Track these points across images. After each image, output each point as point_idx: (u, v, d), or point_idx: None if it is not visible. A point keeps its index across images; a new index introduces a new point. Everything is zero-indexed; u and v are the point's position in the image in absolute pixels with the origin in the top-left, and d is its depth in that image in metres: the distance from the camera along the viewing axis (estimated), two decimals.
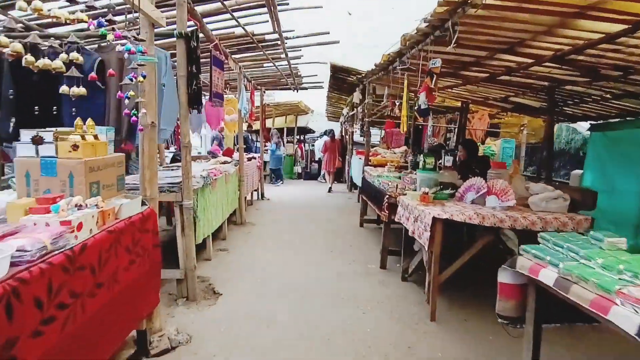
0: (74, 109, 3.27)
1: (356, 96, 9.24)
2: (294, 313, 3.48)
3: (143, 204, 2.63)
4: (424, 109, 4.14)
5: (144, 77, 2.44)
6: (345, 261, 5.00)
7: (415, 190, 4.26)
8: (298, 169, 15.64)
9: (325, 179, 13.17)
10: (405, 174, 5.52)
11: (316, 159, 15.05)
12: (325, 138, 14.86)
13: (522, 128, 7.92)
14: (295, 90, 10.05)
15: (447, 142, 9.92)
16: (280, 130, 15.37)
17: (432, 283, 3.45)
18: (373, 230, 6.65)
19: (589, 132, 6.41)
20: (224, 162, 6.14)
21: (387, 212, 4.57)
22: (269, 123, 15.69)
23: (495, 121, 8.63)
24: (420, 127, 12.04)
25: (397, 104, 5.46)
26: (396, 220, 4.31)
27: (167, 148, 9.31)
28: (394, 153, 9.52)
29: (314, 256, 5.15)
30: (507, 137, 7.99)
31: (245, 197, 7.71)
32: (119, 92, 2.44)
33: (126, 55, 2.19)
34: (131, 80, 2.29)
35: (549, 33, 3.34)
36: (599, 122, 6.32)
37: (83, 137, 2.22)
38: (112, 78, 3.43)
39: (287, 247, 5.51)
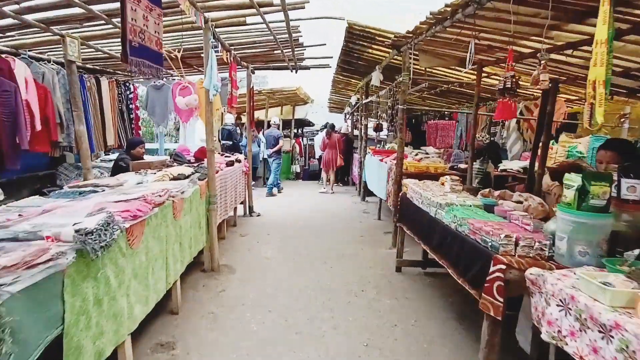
0: None
1: (375, 77, 6.70)
2: None
3: None
4: None
5: None
6: None
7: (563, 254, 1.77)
8: (296, 167, 13.10)
9: (323, 183, 10.67)
10: (504, 206, 3.03)
11: (317, 156, 12.49)
12: (324, 133, 12.38)
13: (623, 120, 5.46)
14: (294, 71, 7.48)
15: (491, 139, 7.42)
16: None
17: None
18: (419, 281, 4.17)
19: None
20: (177, 177, 3.61)
21: (500, 299, 2.09)
22: (260, 114, 13.18)
23: (575, 109, 6.17)
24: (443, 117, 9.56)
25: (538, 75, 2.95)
26: (545, 333, 1.83)
27: (107, 151, 6.77)
28: (426, 154, 7.01)
29: (334, 349, 2.69)
30: (599, 132, 5.56)
31: (223, 223, 5.20)
32: None
33: None
34: None
35: None
36: None
37: None
38: None
39: (284, 332, 3.03)
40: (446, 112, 10.37)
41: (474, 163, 5.05)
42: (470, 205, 3.05)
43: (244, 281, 4.03)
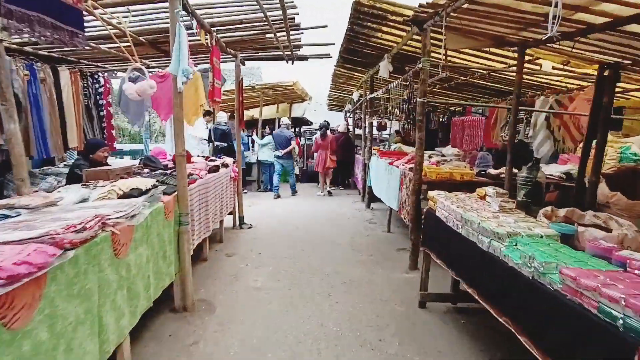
0: None
1: (383, 68, 5.77)
2: None
3: None
4: None
5: None
6: None
7: None
8: (295, 169, 12.10)
9: (320, 187, 9.91)
10: (591, 236, 2.09)
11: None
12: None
13: None
14: (290, 62, 6.52)
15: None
16: (271, 122, 11.82)
17: None
18: (451, 322, 3.21)
19: None
20: (128, 194, 2.63)
21: None
22: (254, 113, 12.23)
23: (621, 102, 5.22)
24: (457, 114, 8.61)
25: None
26: None
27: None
28: (442, 155, 6.06)
29: None
30: None
31: (205, 241, 4.23)
32: None
33: None
34: None
35: None
36: None
37: None
38: None
39: None
40: (456, 109, 9.43)
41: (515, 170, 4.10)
42: (541, 236, 2.10)
43: (224, 325, 3.07)
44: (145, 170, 4.28)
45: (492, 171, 4.41)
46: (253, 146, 10.34)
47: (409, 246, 5.09)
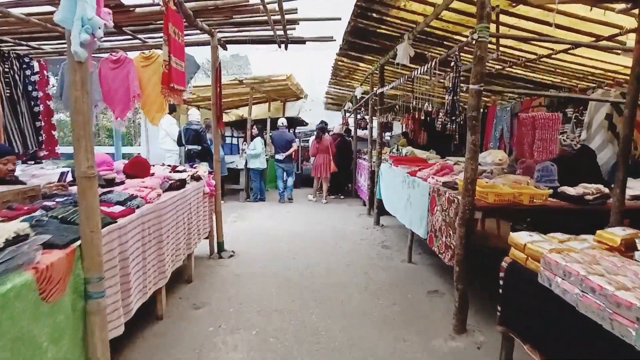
0: None
1: (403, 52, 4.47)
2: None
3: None
4: None
5: None
6: None
7: None
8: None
9: (314, 192, 8.88)
10: None
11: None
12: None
13: None
14: (284, 47, 5.13)
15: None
16: (262, 122, 10.41)
17: None
18: None
19: None
20: None
21: None
22: (241, 112, 10.88)
23: None
24: (485, 109, 7.24)
25: None
26: None
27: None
28: (479, 165, 4.68)
29: None
30: None
31: (160, 291, 2.80)
32: None
33: None
34: None
35: None
36: None
37: None
38: None
39: None
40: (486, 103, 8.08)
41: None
42: None
43: None
44: (65, 190, 2.86)
45: (570, 190, 3.05)
46: (243, 150, 8.92)
47: (443, 287, 3.73)
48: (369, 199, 7.05)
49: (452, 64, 3.04)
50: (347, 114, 12.36)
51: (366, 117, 10.28)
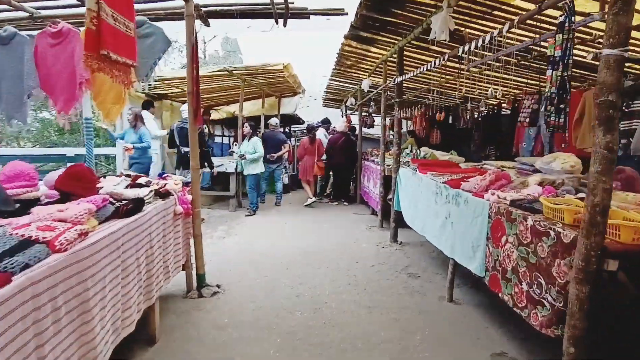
0: None
1: (441, 24, 3.43)
2: None
3: None
4: None
5: None
6: None
7: None
8: (285, 178, 9.51)
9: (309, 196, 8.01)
10: None
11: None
12: (321, 132, 8.97)
13: None
14: (282, 22, 3.98)
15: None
16: (254, 119, 9.24)
17: None
18: None
19: None
20: None
21: None
22: (233, 109, 9.78)
23: None
24: (516, 104, 6.10)
25: None
26: None
27: None
28: (536, 171, 3.59)
29: None
30: None
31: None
32: None
33: None
34: None
35: None
36: None
37: None
38: None
39: None
40: (500, 101, 6.99)
41: None
42: None
43: None
44: None
45: None
46: (232, 152, 7.74)
47: (510, 346, 2.61)
48: (382, 209, 5.91)
49: (562, 17, 1.90)
50: (349, 111, 11.22)
51: (373, 113, 9.15)
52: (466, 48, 3.34)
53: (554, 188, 2.83)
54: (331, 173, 8.79)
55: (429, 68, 4.01)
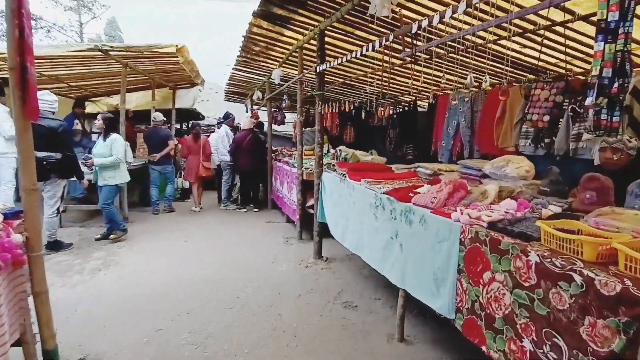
0: None
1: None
2: None
3: None
4: None
5: None
6: None
7: None
8: (185, 182, 8.04)
9: (195, 204, 7.21)
10: None
11: (216, 162, 7.69)
12: (224, 130, 7.76)
13: None
14: None
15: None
16: (144, 114, 7.62)
17: None
18: None
19: None
20: None
21: None
22: (115, 102, 8.14)
23: None
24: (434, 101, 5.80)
25: None
26: None
27: None
28: (481, 177, 3.11)
29: None
30: None
31: None
32: None
33: None
34: None
35: None
36: None
37: None
38: None
39: None
40: (425, 97, 6.71)
41: None
42: None
43: None
44: None
45: None
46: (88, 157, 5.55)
47: None
48: (301, 218, 5.10)
49: None
50: (255, 106, 10.18)
51: (284, 109, 8.29)
52: (406, 31, 2.69)
53: (527, 200, 2.31)
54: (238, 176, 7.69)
55: (360, 54, 3.28)
